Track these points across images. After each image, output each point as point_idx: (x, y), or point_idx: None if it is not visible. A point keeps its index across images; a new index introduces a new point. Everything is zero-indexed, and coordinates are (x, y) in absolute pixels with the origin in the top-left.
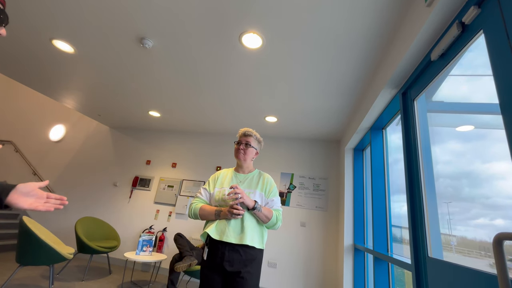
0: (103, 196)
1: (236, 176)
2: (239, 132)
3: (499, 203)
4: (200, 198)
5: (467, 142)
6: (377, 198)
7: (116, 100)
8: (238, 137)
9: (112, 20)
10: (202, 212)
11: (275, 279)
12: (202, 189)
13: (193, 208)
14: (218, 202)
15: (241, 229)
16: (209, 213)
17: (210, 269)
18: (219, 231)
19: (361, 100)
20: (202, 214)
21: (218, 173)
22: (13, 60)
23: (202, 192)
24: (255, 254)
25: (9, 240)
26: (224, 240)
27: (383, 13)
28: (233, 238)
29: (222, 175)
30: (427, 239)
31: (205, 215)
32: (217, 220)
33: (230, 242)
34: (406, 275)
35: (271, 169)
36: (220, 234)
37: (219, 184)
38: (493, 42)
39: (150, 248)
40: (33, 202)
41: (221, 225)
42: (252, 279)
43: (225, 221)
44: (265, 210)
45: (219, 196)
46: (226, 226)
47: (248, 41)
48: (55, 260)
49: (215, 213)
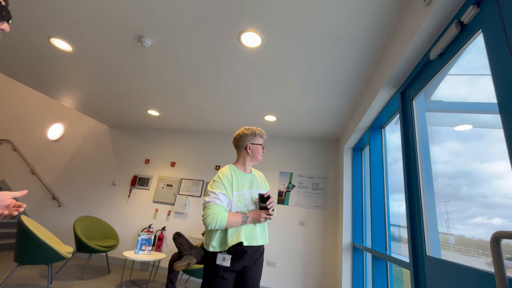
0: (102, 195)
1: (245, 177)
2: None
3: (497, 202)
4: (221, 205)
5: (465, 141)
6: (375, 197)
7: (114, 99)
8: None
9: (111, 19)
10: (230, 222)
11: (274, 278)
12: (220, 194)
13: (219, 219)
14: (241, 208)
15: (263, 230)
16: (236, 221)
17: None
18: (248, 237)
19: (360, 99)
20: (229, 224)
21: (227, 174)
22: (11, 58)
23: (222, 199)
24: (263, 249)
25: (7, 239)
26: (253, 244)
27: (382, 12)
28: (261, 240)
29: (233, 177)
30: (425, 237)
31: (231, 224)
32: (242, 226)
33: (258, 244)
34: (404, 274)
35: (270, 168)
36: (250, 239)
37: (236, 187)
38: (491, 42)
39: (149, 247)
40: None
41: (248, 230)
42: (258, 271)
43: (252, 226)
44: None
45: (241, 201)
46: (253, 230)
47: (247, 40)
48: (54, 259)
49: (242, 220)
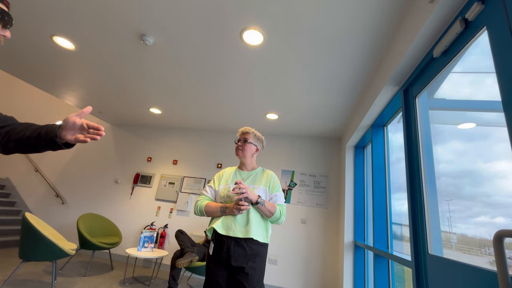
0: (105, 193)
1: (240, 174)
2: (238, 132)
3: (500, 201)
4: (206, 196)
5: (469, 141)
6: (377, 195)
7: (117, 97)
8: (238, 136)
9: (113, 16)
10: (208, 209)
11: (276, 276)
12: (207, 186)
13: (198, 205)
14: (223, 198)
15: (247, 223)
16: (214, 209)
17: (216, 263)
18: (225, 226)
19: (362, 97)
20: (208, 211)
21: (223, 171)
22: (14, 56)
23: (208, 190)
24: (259, 248)
25: (12, 236)
26: (230, 235)
27: (386, 9)
28: (239, 232)
29: (226, 173)
30: (427, 236)
31: (210, 211)
32: (223, 216)
33: (236, 236)
34: (406, 272)
35: (272, 166)
36: (227, 229)
37: (224, 181)
38: (496, 39)
39: (152, 244)
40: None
41: (228, 220)
42: (256, 274)
43: (231, 216)
44: (268, 205)
45: (224, 193)
46: (232, 221)
47: (249, 38)
48: (58, 256)
49: (220, 210)
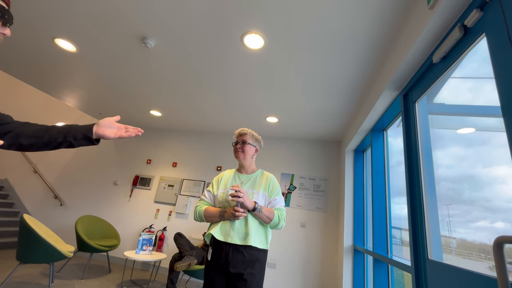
0: (104, 195)
1: (239, 177)
2: (235, 134)
3: (499, 206)
4: (205, 201)
5: (468, 146)
6: (377, 200)
7: (117, 99)
8: (235, 138)
9: (114, 19)
10: (207, 214)
11: (275, 280)
12: (206, 191)
13: (197, 211)
14: (222, 203)
15: (245, 229)
16: (213, 214)
17: (214, 269)
18: (223, 232)
19: (362, 102)
20: (207, 216)
21: (221, 174)
22: (15, 58)
23: (206, 195)
24: (258, 255)
25: (9, 237)
26: (228, 241)
27: (386, 15)
28: (237, 239)
29: (225, 177)
30: (427, 241)
31: (209, 216)
32: (222, 221)
33: (234, 243)
34: (406, 277)
35: (271, 170)
36: (225, 235)
37: (223, 185)
38: (495, 45)
39: (150, 247)
40: (116, 131)
41: (225, 226)
42: (255, 281)
43: (229, 222)
44: (266, 211)
45: (223, 197)
46: (230, 227)
47: (250, 42)
48: (55, 258)
49: (219, 214)
